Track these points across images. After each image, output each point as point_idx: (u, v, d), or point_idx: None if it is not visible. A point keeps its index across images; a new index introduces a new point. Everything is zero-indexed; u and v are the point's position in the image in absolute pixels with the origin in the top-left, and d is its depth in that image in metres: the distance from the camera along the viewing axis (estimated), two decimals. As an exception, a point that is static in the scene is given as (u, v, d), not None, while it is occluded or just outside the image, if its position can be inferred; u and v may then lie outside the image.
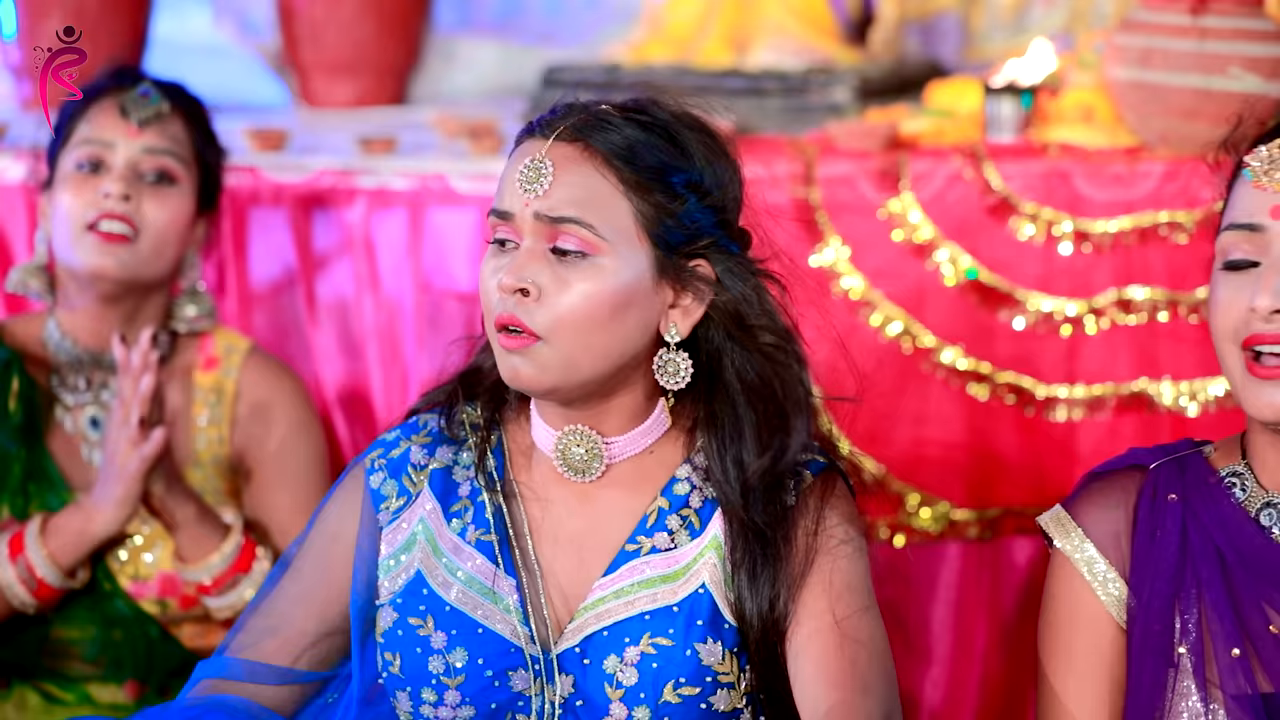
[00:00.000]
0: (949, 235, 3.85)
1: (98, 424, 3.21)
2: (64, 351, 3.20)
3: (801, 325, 2.34)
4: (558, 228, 2.32)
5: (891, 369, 3.90)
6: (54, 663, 3.18)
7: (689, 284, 2.38)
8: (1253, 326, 2.27)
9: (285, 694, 2.46)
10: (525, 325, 2.31)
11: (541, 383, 2.34)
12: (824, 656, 2.32)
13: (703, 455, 2.41)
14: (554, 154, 2.34)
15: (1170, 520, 2.35)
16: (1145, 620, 2.33)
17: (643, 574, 2.38)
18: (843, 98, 4.38)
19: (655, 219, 2.35)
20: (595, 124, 2.35)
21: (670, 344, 2.38)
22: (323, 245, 4.14)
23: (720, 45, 4.70)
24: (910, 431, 3.90)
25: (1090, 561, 2.38)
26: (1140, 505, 2.38)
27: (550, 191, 2.32)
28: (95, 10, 4.79)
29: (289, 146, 4.29)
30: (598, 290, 2.32)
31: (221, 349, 3.28)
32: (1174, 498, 2.37)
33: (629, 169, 2.34)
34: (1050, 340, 3.82)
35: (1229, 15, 3.72)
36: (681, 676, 2.34)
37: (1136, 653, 2.34)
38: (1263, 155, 2.31)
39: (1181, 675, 2.31)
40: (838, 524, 2.39)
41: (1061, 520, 2.42)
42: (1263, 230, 2.28)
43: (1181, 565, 2.34)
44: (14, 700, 3.20)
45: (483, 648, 2.38)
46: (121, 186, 3.13)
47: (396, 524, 2.46)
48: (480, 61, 5.27)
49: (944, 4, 4.95)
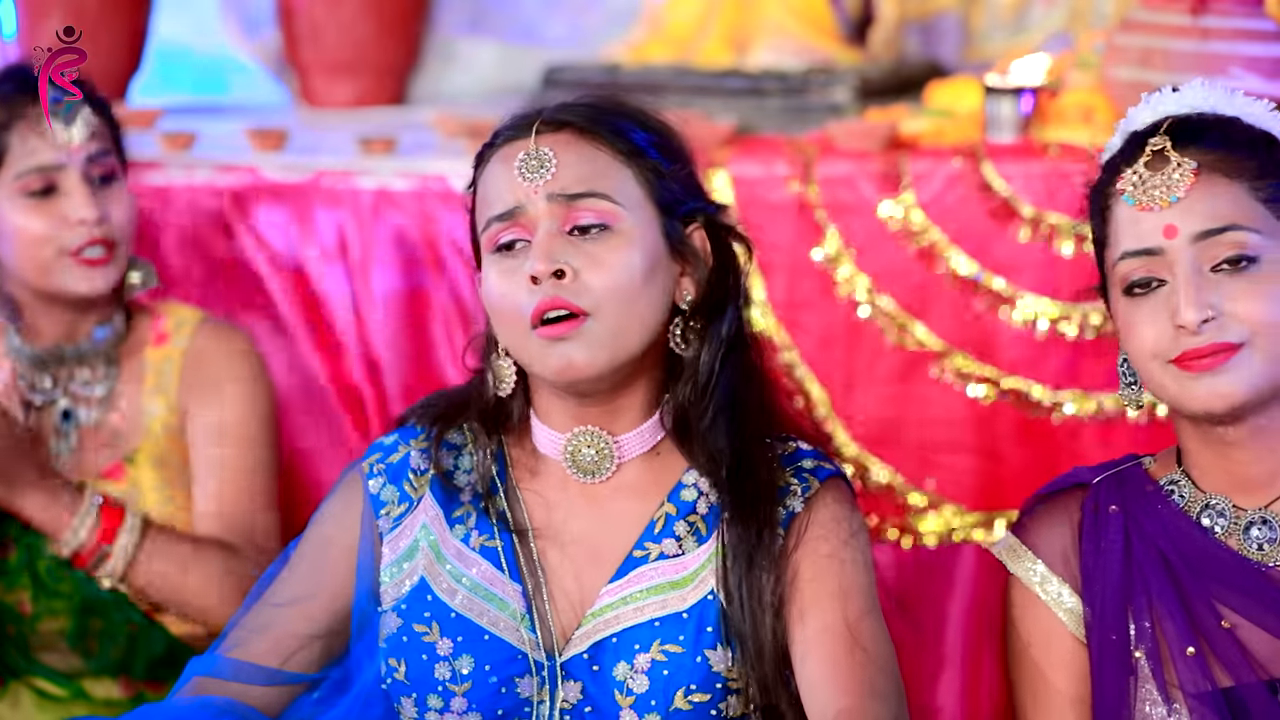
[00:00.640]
0: (948, 236, 3.85)
1: (69, 416, 3.22)
2: (26, 356, 3.21)
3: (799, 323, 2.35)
4: (575, 205, 2.33)
5: (892, 369, 3.90)
6: (45, 657, 3.18)
7: (690, 250, 2.40)
8: (1182, 344, 2.29)
9: (273, 694, 2.46)
10: (572, 304, 2.31)
11: (596, 364, 2.33)
12: (832, 660, 2.33)
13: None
14: (545, 142, 2.36)
15: (1113, 531, 2.39)
16: (1101, 631, 2.37)
17: (651, 580, 2.38)
18: (843, 98, 4.38)
19: (654, 183, 2.39)
20: (569, 110, 2.39)
21: (685, 311, 2.39)
22: (322, 245, 4.14)
23: (720, 45, 4.70)
24: (912, 432, 3.90)
25: (1044, 581, 2.42)
26: (1084, 521, 2.42)
27: (558, 174, 2.34)
28: (95, 10, 4.78)
29: (289, 146, 4.29)
30: (629, 257, 2.34)
31: (172, 324, 3.29)
32: (1115, 509, 2.40)
33: (620, 139, 2.38)
34: (1050, 340, 3.82)
35: (1229, 15, 3.72)
36: (692, 683, 2.34)
37: (1096, 663, 2.38)
38: (1133, 178, 2.33)
39: (1142, 680, 2.34)
40: (844, 529, 2.40)
41: (1013, 546, 2.46)
42: (1162, 252, 2.31)
43: (1128, 573, 2.37)
44: (8, 699, 3.20)
45: (489, 654, 2.37)
46: (94, 209, 3.13)
47: (399, 530, 2.45)
48: (480, 61, 5.27)
49: (944, 4, 4.95)
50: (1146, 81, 3.77)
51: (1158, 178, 2.31)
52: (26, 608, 3.16)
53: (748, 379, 2.43)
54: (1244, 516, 2.35)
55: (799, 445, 2.45)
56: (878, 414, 3.89)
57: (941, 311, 3.86)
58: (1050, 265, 3.81)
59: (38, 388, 3.21)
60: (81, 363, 3.22)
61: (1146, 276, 2.31)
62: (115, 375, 3.24)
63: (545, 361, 2.34)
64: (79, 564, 3.10)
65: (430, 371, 4.06)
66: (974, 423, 3.86)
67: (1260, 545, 2.34)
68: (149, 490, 3.19)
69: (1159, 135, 2.34)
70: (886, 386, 3.89)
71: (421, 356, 4.09)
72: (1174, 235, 2.29)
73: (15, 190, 3.15)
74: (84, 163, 3.16)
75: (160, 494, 3.20)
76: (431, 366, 4.08)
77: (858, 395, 3.90)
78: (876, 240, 3.87)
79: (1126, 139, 2.39)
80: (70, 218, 3.13)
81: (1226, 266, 2.29)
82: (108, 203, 3.17)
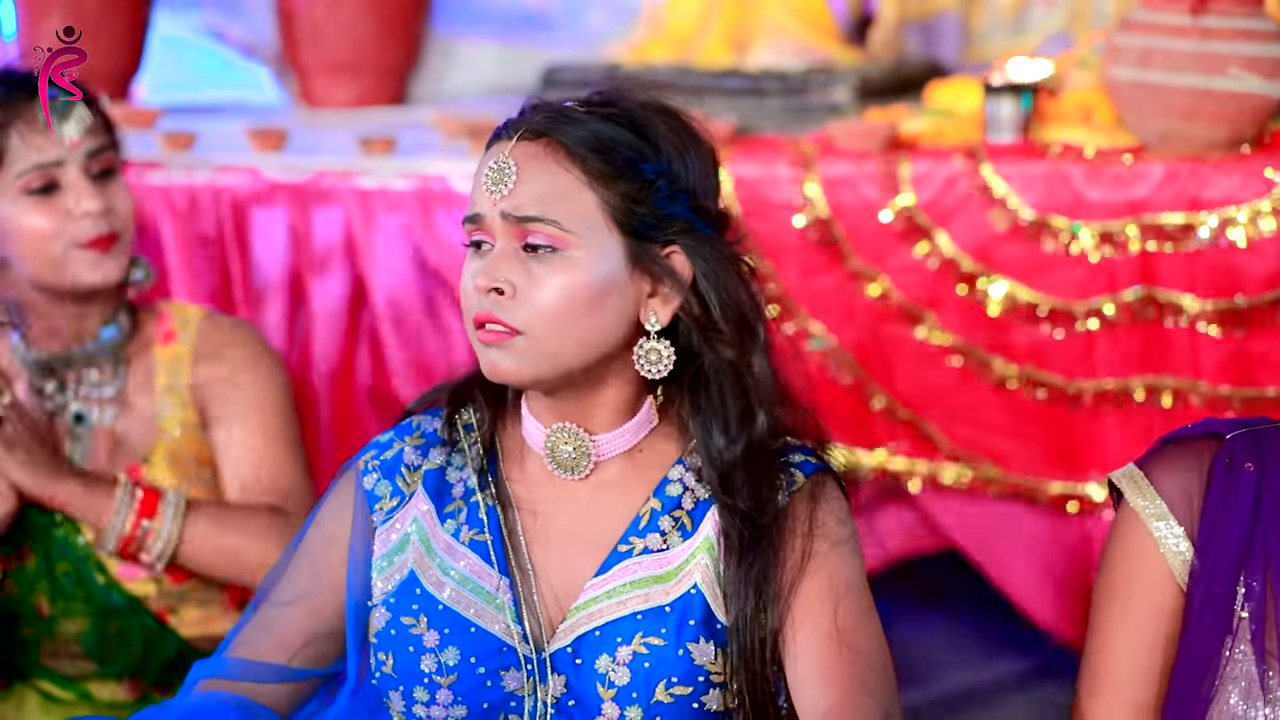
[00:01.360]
0: (948, 235, 3.85)
1: (82, 419, 3.22)
2: (33, 362, 3.21)
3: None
4: (525, 226, 2.34)
5: (891, 369, 3.91)
6: (53, 661, 3.19)
7: (665, 271, 2.38)
8: None
9: (282, 691, 2.47)
10: (503, 321, 2.33)
11: (521, 374, 2.35)
12: (822, 656, 2.33)
13: (696, 455, 2.42)
14: (517, 153, 2.35)
15: (1245, 488, 2.36)
16: (1208, 583, 2.34)
17: (635, 574, 2.39)
18: (843, 98, 4.38)
19: (623, 208, 2.36)
20: (558, 120, 2.36)
21: (650, 333, 2.39)
22: (322, 245, 4.15)
23: (720, 45, 4.71)
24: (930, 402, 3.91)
25: (1160, 518, 2.38)
26: (1215, 470, 2.38)
27: (514, 191, 2.34)
28: (95, 10, 4.79)
29: (289, 146, 4.29)
30: (570, 283, 2.33)
31: (177, 323, 3.30)
32: (1250, 467, 2.36)
33: (593, 160, 2.34)
34: (1050, 340, 3.83)
35: (1229, 15, 3.72)
36: (673, 676, 2.34)
37: (1196, 614, 2.35)
38: None
39: (1239, 640, 2.32)
40: (831, 524, 2.40)
41: (1134, 478, 2.41)
42: None
43: (1251, 533, 2.34)
44: (13, 700, 3.20)
45: (475, 647, 2.38)
46: (98, 202, 3.15)
47: (390, 524, 2.46)
48: (480, 61, 5.27)
49: (944, 4, 4.96)
50: (1146, 81, 3.78)
51: None
52: (45, 610, 3.16)
53: (759, 397, 2.42)
54: None
55: (788, 440, 2.45)
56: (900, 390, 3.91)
57: (943, 310, 3.86)
58: (1050, 264, 3.81)
59: (47, 393, 3.21)
60: (90, 364, 3.22)
61: None
62: (124, 375, 3.24)
63: (481, 358, 2.38)
64: (124, 552, 3.11)
65: (431, 370, 4.07)
66: (992, 404, 3.86)
67: None
68: (169, 490, 3.20)
69: None
70: (883, 383, 3.89)
71: (422, 355, 4.10)
72: None
73: (17, 190, 3.15)
74: (83, 158, 3.17)
75: (179, 492, 3.20)
76: (432, 366, 4.08)
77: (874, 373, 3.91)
78: (877, 240, 3.87)
79: None
80: (74, 211, 3.14)
81: None
82: (110, 196, 3.18)
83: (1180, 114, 3.75)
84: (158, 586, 3.18)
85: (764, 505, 2.39)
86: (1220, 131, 3.75)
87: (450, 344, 4.08)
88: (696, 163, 2.42)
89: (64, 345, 3.22)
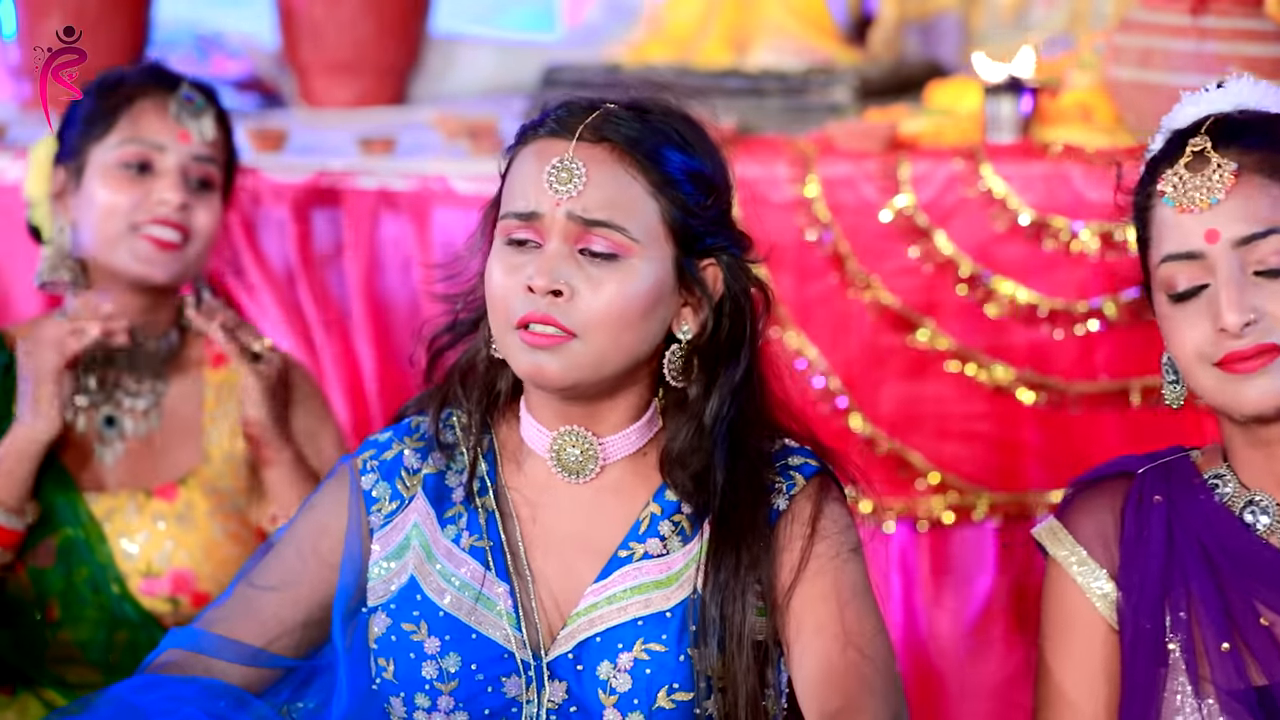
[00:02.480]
0: (948, 235, 3.85)
1: (113, 423, 3.21)
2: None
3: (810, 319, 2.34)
4: (590, 230, 2.31)
5: (897, 363, 3.90)
6: (59, 668, 3.18)
7: (700, 283, 2.38)
8: (1225, 346, 2.28)
9: (251, 675, 2.44)
10: (560, 324, 2.30)
11: (566, 379, 2.33)
12: (828, 660, 2.32)
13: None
14: (581, 154, 2.32)
15: (1156, 521, 2.38)
16: (1135, 620, 2.35)
17: (635, 580, 2.38)
18: (843, 98, 4.38)
19: (680, 219, 2.35)
20: (616, 124, 2.34)
21: (681, 341, 2.39)
22: (323, 245, 4.15)
23: (720, 45, 4.70)
24: (920, 418, 3.90)
25: (1082, 564, 2.41)
26: (1127, 509, 2.40)
27: (584, 193, 2.31)
28: (95, 10, 4.79)
29: (289, 146, 4.29)
30: (631, 291, 2.32)
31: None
32: (1159, 499, 2.39)
33: (656, 169, 2.33)
34: (1049, 340, 3.82)
35: (1229, 15, 3.72)
36: (675, 682, 2.34)
37: (1129, 653, 2.36)
38: (1173, 180, 2.30)
39: (1174, 672, 2.33)
40: (832, 527, 2.39)
41: (1054, 529, 2.44)
42: (1203, 256, 2.29)
43: (1169, 564, 2.35)
44: (16, 707, 3.19)
45: (476, 653, 2.37)
46: (181, 195, 3.15)
47: (389, 527, 2.45)
48: (480, 61, 5.27)
49: (944, 4, 4.95)
50: (1146, 81, 3.78)
51: (1198, 179, 2.28)
52: (55, 614, 3.16)
53: (752, 416, 2.42)
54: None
55: (787, 442, 2.44)
56: (889, 405, 3.90)
57: (943, 310, 3.86)
58: (1049, 264, 3.81)
59: (83, 388, 3.20)
60: (130, 371, 3.20)
61: (1190, 286, 2.29)
62: (162, 391, 3.23)
63: (518, 360, 2.34)
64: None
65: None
66: (985, 414, 3.86)
67: None
68: (201, 515, 3.19)
69: (1200, 135, 2.31)
70: (894, 380, 3.89)
71: (421, 355, 4.09)
72: (1215, 240, 2.27)
73: (115, 159, 3.17)
74: (187, 157, 3.17)
75: (212, 519, 3.19)
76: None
77: (866, 387, 3.90)
78: (877, 240, 3.87)
79: (1169, 138, 2.36)
80: (153, 196, 3.14)
81: (1268, 271, 2.27)
82: (196, 202, 3.18)
83: (1180, 114, 3.75)
84: (173, 607, 3.18)
85: (752, 489, 2.38)
86: (1220, 132, 3.75)
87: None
88: (726, 177, 2.43)
89: (111, 344, 3.19)
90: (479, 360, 2.45)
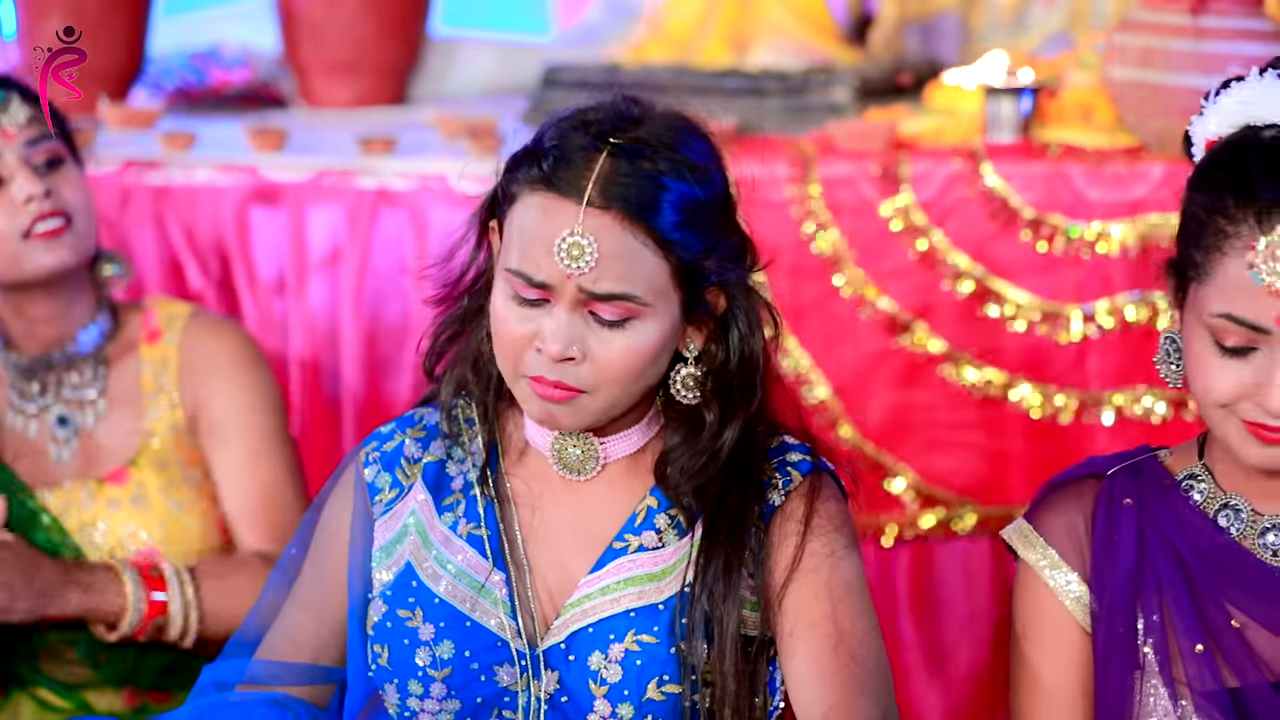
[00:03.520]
0: (948, 235, 3.85)
1: (66, 421, 3.22)
2: (13, 365, 3.21)
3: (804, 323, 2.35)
4: (601, 301, 2.31)
5: (892, 368, 3.91)
6: (51, 668, 3.18)
7: (704, 307, 2.39)
8: (1258, 417, 2.24)
9: (311, 693, 2.48)
10: (572, 387, 2.32)
11: (577, 426, 2.36)
12: (820, 658, 2.32)
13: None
14: (590, 225, 2.29)
15: (1127, 523, 2.37)
16: (1109, 623, 2.36)
17: (629, 572, 2.39)
18: (843, 98, 4.38)
19: (687, 270, 2.35)
20: (622, 185, 2.31)
21: (688, 359, 2.39)
22: (322, 245, 4.15)
23: (720, 45, 4.70)
24: (914, 430, 3.90)
25: (1053, 568, 2.40)
26: (1097, 511, 2.39)
27: (595, 269, 2.29)
28: (95, 10, 4.79)
29: (289, 146, 4.29)
30: (638, 346, 2.33)
31: (163, 320, 3.28)
32: (1129, 502, 2.38)
33: (664, 228, 2.31)
34: (1049, 341, 3.82)
35: (1229, 15, 3.72)
36: (665, 674, 2.34)
37: (1102, 656, 2.36)
38: (1266, 255, 2.21)
39: (1148, 675, 2.33)
40: (827, 524, 2.39)
41: (1024, 532, 2.44)
42: (1268, 333, 2.23)
43: (1140, 567, 2.35)
44: (9, 708, 3.19)
45: (470, 641, 2.38)
46: (39, 186, 3.14)
47: (389, 515, 2.47)
48: (480, 61, 5.27)
49: (944, 4, 4.95)
50: (1146, 81, 3.78)
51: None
52: None
53: (753, 427, 2.42)
54: (1261, 521, 2.33)
55: (785, 439, 2.45)
56: (879, 413, 3.90)
57: (942, 311, 3.86)
58: (1049, 264, 3.81)
59: (28, 396, 3.21)
60: (70, 367, 3.21)
61: (1243, 346, 2.25)
62: (106, 376, 3.23)
63: (528, 405, 2.36)
64: (137, 637, 3.09)
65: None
66: (976, 422, 3.86)
67: (1275, 551, 2.32)
68: (154, 492, 3.19)
69: None
70: (887, 386, 3.89)
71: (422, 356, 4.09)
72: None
73: None
74: (22, 148, 3.16)
75: (166, 495, 3.19)
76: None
77: (859, 394, 3.90)
78: (877, 240, 3.87)
79: (1257, 182, 2.23)
80: (17, 199, 3.13)
81: None
82: (55, 182, 3.16)
83: (1180, 114, 3.73)
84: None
85: (747, 485, 2.39)
86: (1220, 131, 3.75)
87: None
88: (732, 192, 2.41)
89: (44, 348, 3.21)
90: (484, 350, 2.45)
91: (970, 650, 3.90)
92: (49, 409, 3.21)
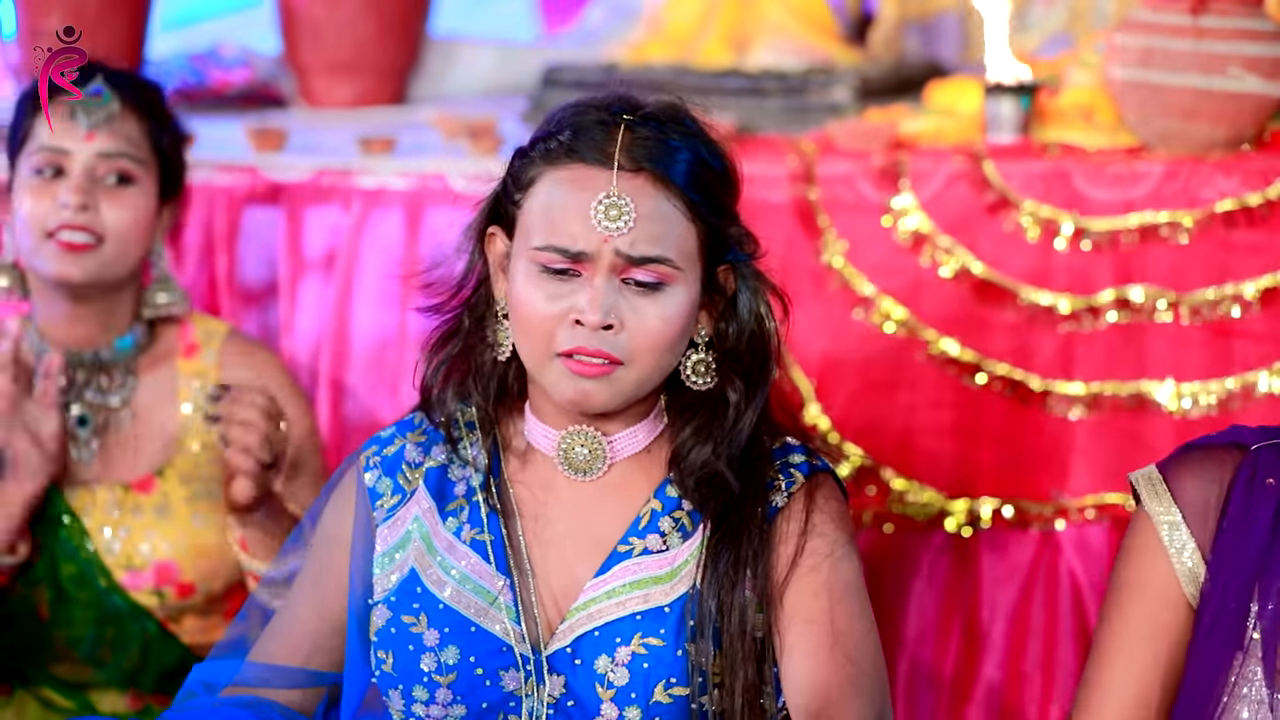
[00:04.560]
0: (949, 235, 3.85)
1: (85, 422, 3.21)
2: (38, 355, 3.20)
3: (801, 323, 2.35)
4: (638, 265, 2.32)
5: (891, 368, 3.90)
6: (55, 667, 3.18)
7: (716, 288, 2.41)
8: None
9: (295, 697, 2.47)
10: (611, 356, 2.32)
11: (611, 404, 2.36)
12: (816, 658, 2.33)
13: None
14: (625, 187, 2.31)
15: (1265, 504, 2.31)
16: (1221, 599, 2.30)
17: (634, 575, 2.39)
18: (843, 98, 4.38)
19: (713, 238, 2.37)
20: (647, 148, 2.33)
21: (699, 345, 2.40)
22: (322, 245, 4.15)
23: (720, 45, 4.70)
24: (908, 430, 3.90)
25: (1173, 528, 2.34)
26: (1236, 483, 2.33)
27: (634, 229, 2.31)
28: (95, 10, 4.79)
29: (288, 146, 4.29)
30: (672, 314, 2.34)
31: (201, 335, 3.29)
32: (1272, 482, 2.32)
33: (693, 194, 2.34)
34: (1048, 340, 3.82)
35: (1229, 15, 3.72)
36: (672, 677, 2.35)
37: (1205, 631, 2.31)
38: None
39: (1249, 660, 2.28)
40: (828, 524, 2.40)
41: (1154, 481, 2.38)
42: None
43: (1269, 550, 2.30)
44: (13, 707, 3.20)
45: (475, 646, 2.38)
46: (79, 197, 3.13)
47: (391, 521, 2.46)
48: (480, 61, 5.27)
49: (944, 4, 4.95)
50: (1146, 81, 3.77)
51: None
52: (44, 612, 3.16)
53: (764, 419, 2.43)
54: None
55: (788, 440, 2.45)
56: (877, 414, 3.89)
57: (942, 311, 3.86)
58: (1049, 264, 3.81)
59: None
60: (99, 370, 3.21)
61: None
62: (134, 385, 3.23)
63: (559, 387, 2.35)
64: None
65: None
66: (974, 420, 3.85)
67: None
68: (179, 504, 3.19)
69: None
70: (886, 387, 3.89)
71: (421, 356, 4.09)
72: None
73: (29, 168, 3.17)
74: (92, 155, 3.16)
75: (190, 507, 3.19)
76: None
77: (860, 394, 3.90)
78: (876, 240, 3.87)
79: None
80: (58, 198, 3.13)
81: None
82: (109, 199, 3.16)
83: (1180, 114, 3.74)
84: (159, 600, 3.17)
85: (752, 486, 2.39)
86: (1220, 131, 3.75)
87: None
88: (737, 170, 2.44)
89: (72, 346, 3.21)
90: (486, 360, 2.45)
91: (955, 640, 3.90)
92: (69, 406, 3.21)
